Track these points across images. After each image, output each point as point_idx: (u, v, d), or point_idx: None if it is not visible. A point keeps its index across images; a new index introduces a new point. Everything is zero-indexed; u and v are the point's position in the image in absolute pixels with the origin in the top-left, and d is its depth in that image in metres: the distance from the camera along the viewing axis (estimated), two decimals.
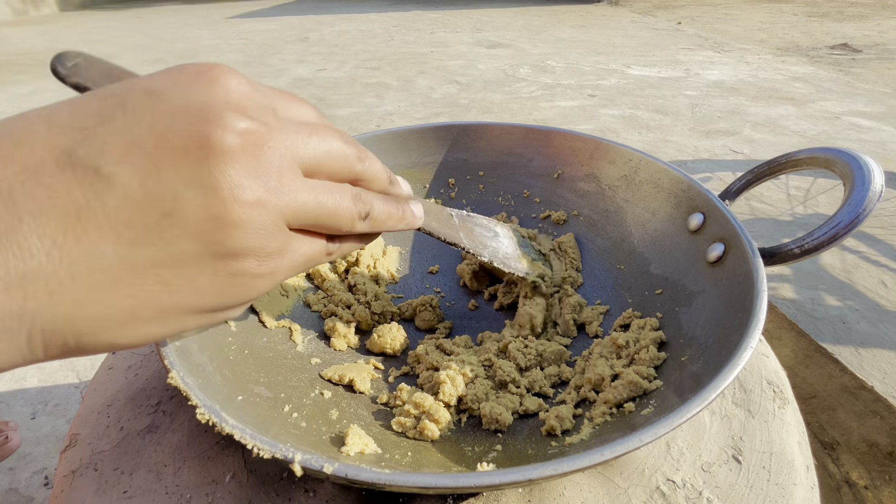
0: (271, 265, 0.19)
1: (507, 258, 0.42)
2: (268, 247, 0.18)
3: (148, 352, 0.38)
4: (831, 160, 0.32)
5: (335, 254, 0.23)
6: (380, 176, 0.25)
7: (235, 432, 0.22)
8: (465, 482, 0.19)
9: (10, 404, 0.89)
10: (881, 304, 1.04)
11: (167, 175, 0.16)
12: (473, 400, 0.33)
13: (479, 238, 0.40)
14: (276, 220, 0.18)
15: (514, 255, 0.43)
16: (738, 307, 0.29)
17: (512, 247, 0.44)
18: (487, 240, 0.41)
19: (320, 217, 0.20)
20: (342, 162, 0.22)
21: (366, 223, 0.23)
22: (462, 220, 0.39)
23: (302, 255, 0.21)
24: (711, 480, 0.27)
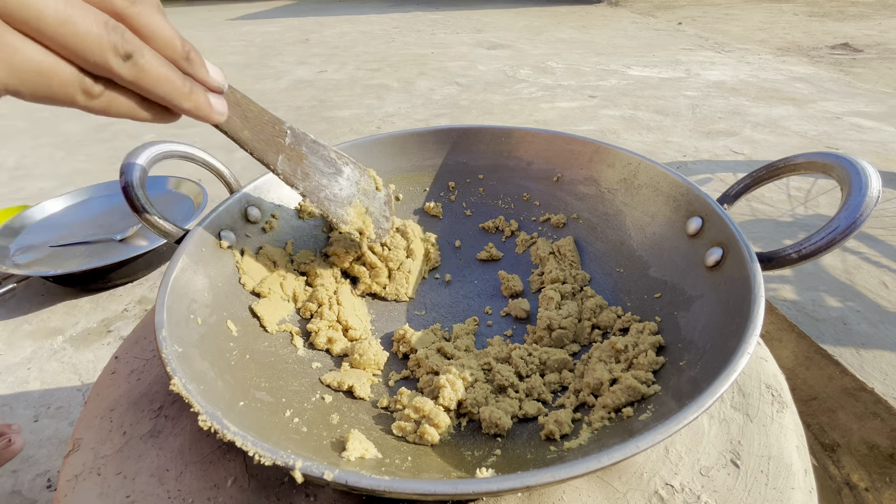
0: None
1: (329, 199, 0.38)
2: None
3: (150, 357, 0.38)
4: (829, 165, 0.32)
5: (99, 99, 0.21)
6: (162, 35, 0.22)
7: (237, 439, 0.22)
8: (463, 489, 0.19)
9: (12, 407, 0.89)
10: (882, 305, 1.04)
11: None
12: (473, 404, 0.33)
13: (307, 168, 0.36)
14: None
15: (343, 200, 0.39)
16: (735, 312, 0.29)
17: (348, 191, 0.40)
18: (317, 174, 0.37)
19: (46, 23, 0.18)
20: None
21: (127, 66, 0.20)
22: (297, 143, 0.36)
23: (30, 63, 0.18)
24: (710, 485, 0.28)
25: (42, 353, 1.01)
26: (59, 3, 0.18)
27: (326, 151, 0.39)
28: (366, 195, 0.42)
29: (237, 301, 0.38)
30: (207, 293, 0.36)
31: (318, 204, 0.38)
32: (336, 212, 0.39)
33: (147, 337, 0.40)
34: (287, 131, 0.35)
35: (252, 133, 0.32)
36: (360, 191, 0.42)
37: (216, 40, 4.02)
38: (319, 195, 0.38)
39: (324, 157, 0.38)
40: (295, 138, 0.36)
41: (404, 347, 0.40)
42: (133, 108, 0.22)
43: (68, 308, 1.13)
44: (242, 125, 0.31)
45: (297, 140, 0.36)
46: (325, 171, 0.38)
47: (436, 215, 0.55)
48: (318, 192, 0.37)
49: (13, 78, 0.18)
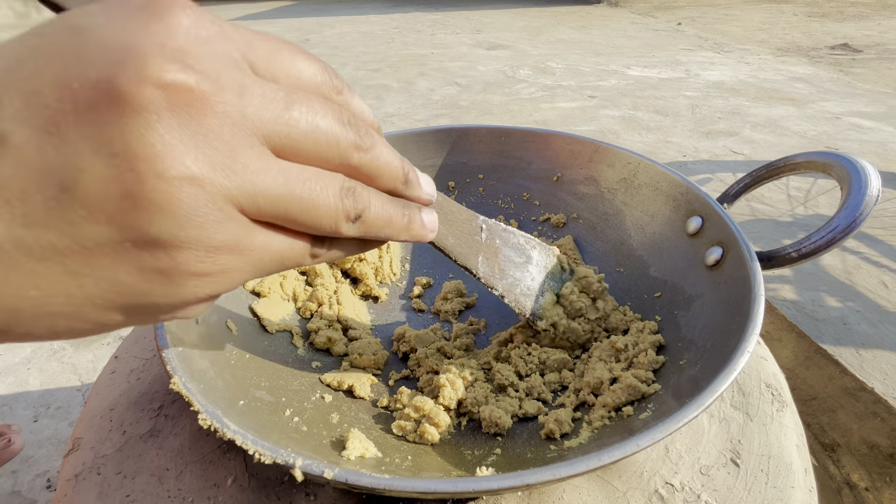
0: (221, 263, 0.15)
1: (523, 295, 0.35)
2: (212, 239, 0.14)
3: (150, 356, 0.38)
4: (828, 164, 0.32)
5: (322, 257, 0.19)
6: (388, 171, 0.20)
7: (237, 438, 0.22)
8: (463, 487, 0.19)
9: (12, 407, 0.89)
10: (882, 304, 1.04)
11: (70, 137, 0.12)
12: (473, 403, 0.33)
13: (503, 263, 0.34)
14: (220, 205, 0.14)
15: (534, 292, 0.36)
16: (735, 311, 0.29)
17: (539, 279, 0.37)
18: (512, 267, 0.35)
19: (290, 210, 0.16)
20: (331, 147, 0.17)
21: (356, 226, 0.18)
22: (491, 237, 0.33)
23: (271, 254, 0.17)
24: (710, 483, 0.28)
25: (42, 353, 1.01)
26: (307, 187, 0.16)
27: (516, 238, 0.36)
28: (553, 279, 0.39)
29: (237, 300, 0.38)
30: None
31: (516, 303, 0.35)
32: (526, 306, 0.36)
33: (147, 336, 0.40)
34: (482, 225, 0.33)
35: (456, 238, 0.29)
36: (549, 276, 0.38)
37: None
38: (515, 292, 0.35)
39: (514, 247, 0.35)
40: (489, 232, 0.33)
41: (404, 347, 0.40)
42: (350, 250, 0.21)
43: None
44: (447, 231, 0.28)
45: (491, 233, 0.33)
46: (517, 262, 0.35)
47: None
48: (514, 290, 0.35)
49: (249, 275, 0.17)
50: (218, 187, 0.14)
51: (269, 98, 0.15)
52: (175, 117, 0.13)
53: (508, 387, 0.35)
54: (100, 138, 0.12)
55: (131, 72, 0.13)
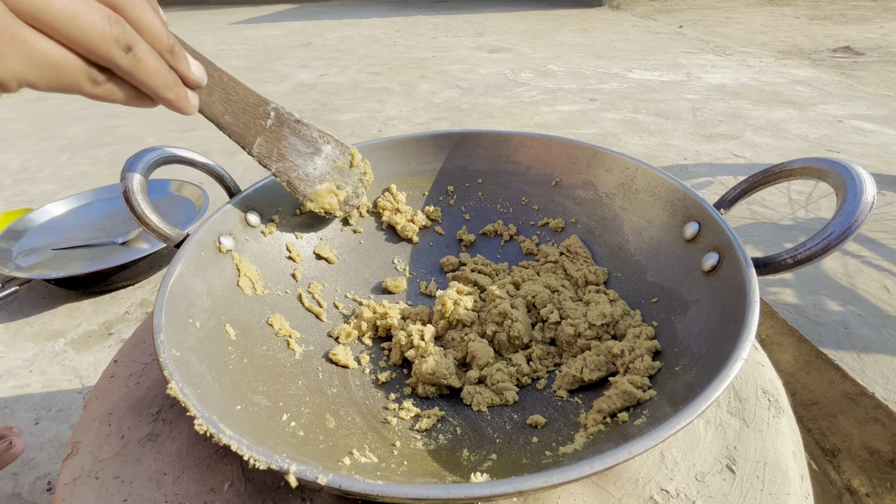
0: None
1: (299, 179, 0.40)
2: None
3: (149, 361, 0.38)
4: (824, 170, 0.32)
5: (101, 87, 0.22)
6: (153, 29, 0.23)
7: (233, 443, 0.22)
8: (456, 493, 0.19)
9: (13, 410, 0.89)
10: (883, 308, 1.04)
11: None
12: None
13: (284, 149, 0.38)
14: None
15: (314, 179, 0.41)
16: (730, 317, 0.29)
17: (322, 170, 0.42)
18: (293, 153, 0.39)
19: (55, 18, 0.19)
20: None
21: (127, 57, 0.22)
22: (279, 124, 0.37)
23: (46, 57, 0.20)
24: (705, 490, 0.28)
25: (43, 356, 1.01)
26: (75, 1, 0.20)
27: (309, 131, 0.40)
28: (340, 172, 0.43)
29: (236, 305, 0.38)
30: (206, 297, 0.36)
31: (288, 183, 0.40)
32: (304, 190, 0.41)
33: (146, 341, 0.40)
34: (270, 112, 0.36)
35: (233, 117, 0.33)
36: (335, 168, 0.43)
37: (219, 44, 4.04)
38: (290, 175, 0.40)
39: (304, 137, 0.40)
40: (278, 119, 0.37)
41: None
42: (125, 95, 0.24)
43: (70, 311, 1.13)
44: (224, 109, 0.32)
45: (279, 121, 0.37)
46: (303, 152, 0.40)
47: (435, 219, 0.55)
48: (289, 172, 0.39)
49: (31, 70, 0.20)
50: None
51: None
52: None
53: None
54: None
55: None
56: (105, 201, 1.35)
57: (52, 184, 1.73)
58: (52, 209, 1.31)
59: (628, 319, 0.39)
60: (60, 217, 1.30)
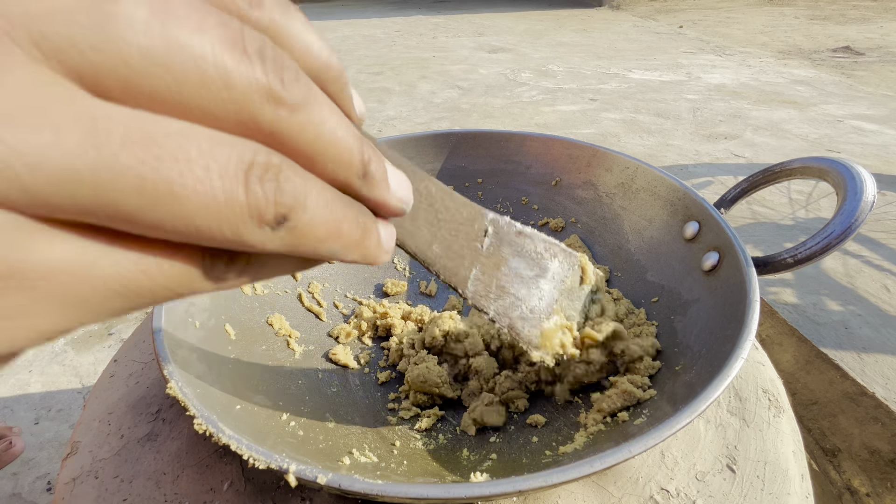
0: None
1: (522, 318, 0.28)
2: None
3: (149, 360, 0.38)
4: (824, 170, 0.32)
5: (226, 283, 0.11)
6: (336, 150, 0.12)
7: (232, 443, 0.22)
8: (455, 493, 0.19)
9: (13, 409, 0.89)
10: (884, 308, 1.04)
11: None
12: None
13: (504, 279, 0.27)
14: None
15: (540, 314, 0.29)
16: (730, 317, 0.29)
17: (549, 299, 0.29)
18: (516, 283, 0.27)
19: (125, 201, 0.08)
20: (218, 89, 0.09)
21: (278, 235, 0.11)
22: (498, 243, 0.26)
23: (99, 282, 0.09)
24: (705, 489, 0.28)
25: (43, 356, 1.01)
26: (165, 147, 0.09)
27: (533, 244, 0.28)
28: (569, 297, 0.31)
29: (236, 305, 0.38)
30: (206, 297, 0.36)
31: (509, 328, 0.27)
32: (528, 335, 0.28)
33: (146, 340, 0.40)
34: (488, 228, 0.25)
35: (442, 247, 0.22)
36: (563, 292, 0.30)
37: None
38: (512, 315, 0.27)
39: (527, 256, 0.28)
40: (497, 236, 0.26)
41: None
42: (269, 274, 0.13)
43: None
44: (431, 237, 0.22)
45: (499, 238, 0.26)
46: (526, 277, 0.28)
47: None
48: (510, 313, 0.27)
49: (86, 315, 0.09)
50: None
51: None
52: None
53: None
54: None
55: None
56: None
57: None
58: None
59: (633, 318, 0.39)
60: None
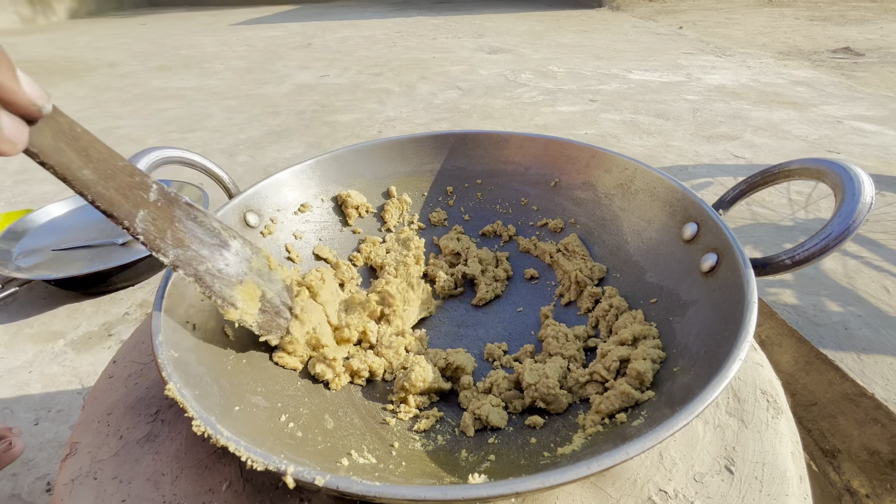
0: None
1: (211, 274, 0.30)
2: None
3: (148, 361, 0.38)
4: (823, 171, 0.32)
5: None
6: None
7: (230, 444, 0.22)
8: (453, 495, 0.19)
9: (13, 410, 0.89)
10: (883, 309, 1.04)
11: None
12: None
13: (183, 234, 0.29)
14: None
15: (230, 278, 0.32)
16: (729, 318, 0.29)
17: (237, 268, 0.32)
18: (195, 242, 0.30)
19: None
20: None
21: None
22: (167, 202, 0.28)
23: None
24: (703, 491, 0.28)
25: (43, 357, 1.01)
26: None
27: (207, 220, 0.31)
28: (260, 276, 0.34)
29: None
30: (205, 298, 0.36)
31: (197, 278, 0.30)
32: (221, 291, 0.31)
33: (145, 341, 0.40)
34: (152, 185, 0.28)
35: (96, 176, 0.24)
36: (253, 270, 0.34)
37: (220, 45, 4.05)
38: (198, 268, 0.30)
39: (204, 225, 0.31)
40: (164, 197, 0.28)
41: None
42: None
43: (70, 311, 1.13)
44: (82, 163, 0.24)
45: (166, 199, 0.28)
46: (206, 241, 0.31)
47: (438, 223, 0.55)
48: (195, 264, 0.30)
49: None
50: None
51: None
52: None
53: None
54: None
55: None
56: None
57: (53, 185, 1.73)
58: (53, 210, 1.31)
59: (627, 316, 0.39)
60: (60, 218, 1.30)
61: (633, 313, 0.39)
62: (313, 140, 2.02)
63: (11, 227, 1.23)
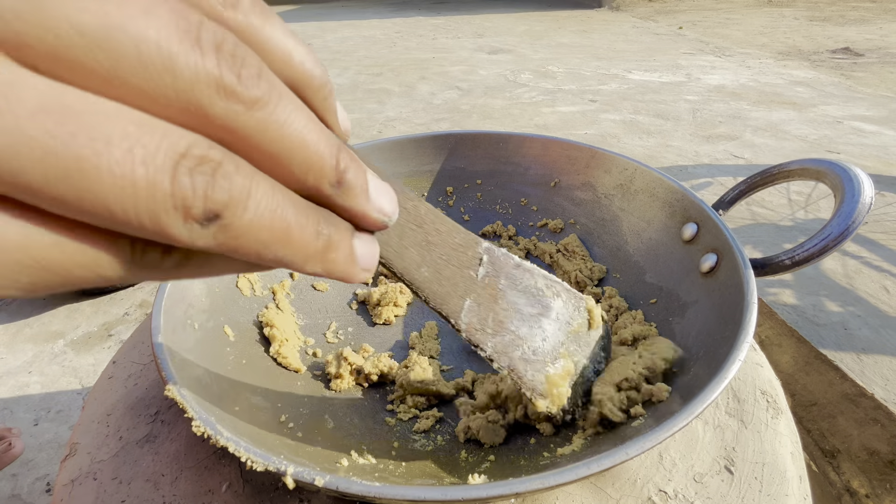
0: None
1: (525, 360, 0.26)
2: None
3: (147, 362, 0.38)
4: (822, 172, 0.33)
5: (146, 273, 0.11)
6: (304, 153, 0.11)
7: (230, 445, 0.22)
8: (452, 495, 0.19)
9: (13, 410, 0.89)
10: (883, 309, 1.04)
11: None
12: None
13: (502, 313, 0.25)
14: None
15: (545, 357, 0.26)
16: (728, 319, 0.29)
17: (554, 340, 0.27)
18: (516, 319, 0.25)
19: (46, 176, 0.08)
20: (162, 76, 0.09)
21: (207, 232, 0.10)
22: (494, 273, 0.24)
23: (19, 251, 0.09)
24: (703, 491, 0.28)
25: (43, 357, 1.01)
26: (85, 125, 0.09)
27: (532, 279, 0.26)
28: (577, 342, 0.28)
29: (235, 306, 0.38)
30: (205, 298, 0.36)
31: (510, 369, 0.25)
32: (532, 379, 0.26)
33: (145, 342, 0.40)
34: (482, 256, 0.24)
35: (432, 270, 0.21)
36: (571, 336, 0.28)
37: None
38: (513, 355, 0.25)
39: (527, 291, 0.26)
40: (493, 266, 0.24)
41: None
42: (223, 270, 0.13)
43: (69, 312, 1.13)
44: (420, 260, 0.20)
45: (495, 269, 0.24)
46: (527, 314, 0.26)
47: None
48: (511, 352, 0.25)
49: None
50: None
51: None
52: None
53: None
54: None
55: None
56: None
57: None
58: None
59: (627, 316, 0.39)
60: None
61: (633, 314, 0.39)
62: None
63: None
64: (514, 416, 0.32)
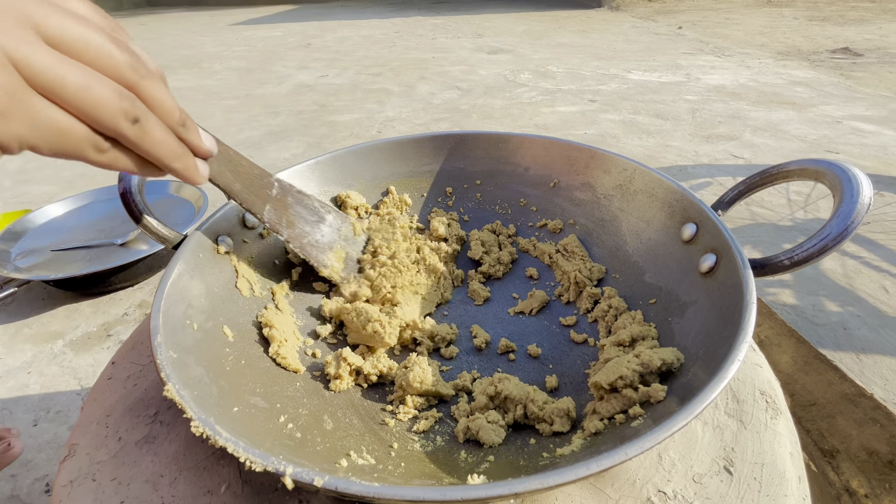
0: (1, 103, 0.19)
1: (311, 245, 0.42)
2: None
3: (146, 362, 0.38)
4: (821, 172, 0.33)
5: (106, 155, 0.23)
6: (165, 105, 0.24)
7: (229, 445, 0.22)
8: (451, 496, 0.19)
9: (12, 411, 0.89)
10: (882, 309, 1.04)
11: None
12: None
13: (293, 216, 0.40)
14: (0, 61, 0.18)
15: (324, 246, 0.43)
16: (727, 319, 0.29)
17: (329, 237, 0.44)
18: (302, 222, 0.41)
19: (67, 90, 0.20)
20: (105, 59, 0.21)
21: (134, 128, 0.22)
22: (283, 194, 0.39)
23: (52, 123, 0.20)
24: (702, 492, 0.28)
25: (42, 357, 1.01)
26: (79, 73, 0.20)
27: (311, 201, 0.42)
28: (346, 241, 0.46)
29: (234, 306, 0.38)
30: (204, 298, 0.36)
31: (301, 249, 0.41)
32: (318, 257, 0.42)
33: (144, 342, 0.40)
34: (274, 183, 0.39)
35: (242, 185, 0.36)
36: (341, 237, 0.45)
37: (219, 45, 4.05)
38: (302, 241, 0.41)
39: (308, 206, 0.42)
40: (282, 190, 0.40)
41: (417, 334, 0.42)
42: (131, 164, 0.25)
43: (69, 312, 1.13)
44: (234, 178, 0.35)
45: (283, 191, 0.40)
46: (309, 219, 0.42)
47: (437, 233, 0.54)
48: (300, 239, 0.41)
49: (35, 134, 0.20)
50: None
51: (44, 2, 0.20)
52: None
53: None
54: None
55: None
56: (104, 202, 1.35)
57: (51, 185, 1.73)
58: (51, 210, 1.31)
59: (626, 317, 0.39)
60: (59, 218, 1.30)
61: (632, 314, 0.39)
62: (312, 140, 2.02)
63: (10, 228, 1.23)
64: (514, 416, 0.32)
